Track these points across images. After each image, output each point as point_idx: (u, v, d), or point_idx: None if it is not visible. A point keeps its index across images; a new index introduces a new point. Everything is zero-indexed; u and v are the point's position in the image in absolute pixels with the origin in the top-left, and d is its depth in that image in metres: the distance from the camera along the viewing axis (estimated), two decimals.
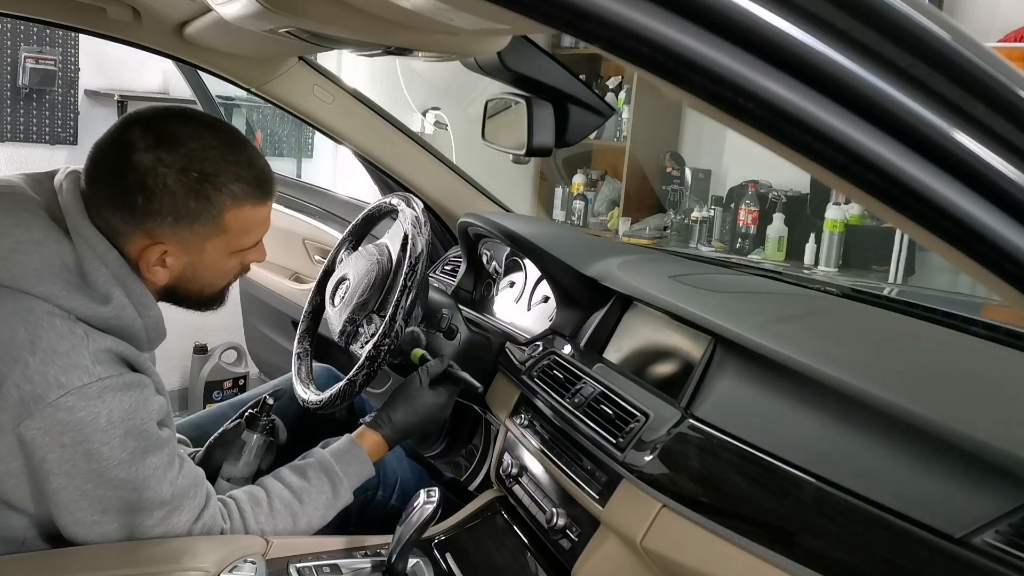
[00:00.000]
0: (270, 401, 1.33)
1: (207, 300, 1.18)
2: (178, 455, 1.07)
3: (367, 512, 1.37)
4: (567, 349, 1.37)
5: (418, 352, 1.39)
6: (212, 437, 1.34)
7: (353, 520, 1.35)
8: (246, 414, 1.34)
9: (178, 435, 1.38)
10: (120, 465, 0.99)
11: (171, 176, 1.00)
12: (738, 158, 3.65)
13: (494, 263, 1.72)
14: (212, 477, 1.29)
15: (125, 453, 0.99)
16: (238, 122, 3.51)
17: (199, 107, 2.65)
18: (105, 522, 1.02)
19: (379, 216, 1.56)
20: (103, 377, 0.97)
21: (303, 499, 1.18)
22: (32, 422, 0.94)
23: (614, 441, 1.08)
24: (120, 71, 3.19)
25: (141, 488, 1.01)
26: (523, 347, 1.44)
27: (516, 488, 1.33)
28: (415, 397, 1.32)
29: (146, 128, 1.02)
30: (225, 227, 1.06)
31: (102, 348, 0.99)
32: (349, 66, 3.48)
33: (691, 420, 1.02)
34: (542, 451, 1.26)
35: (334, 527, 1.31)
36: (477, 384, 1.34)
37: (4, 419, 0.95)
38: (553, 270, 1.43)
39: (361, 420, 1.32)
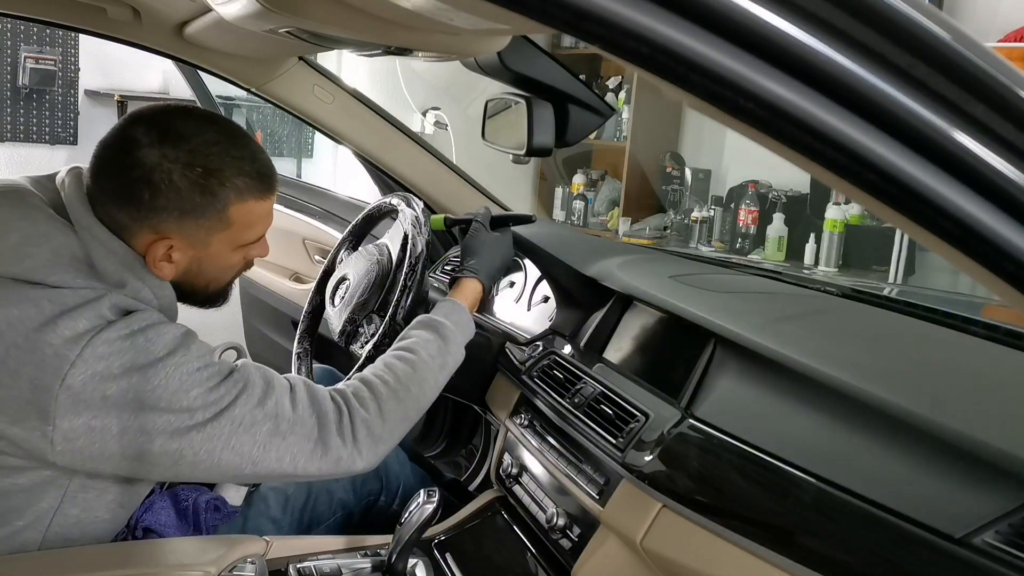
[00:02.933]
0: None
1: (212, 296, 1.18)
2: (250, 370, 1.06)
3: (368, 515, 1.37)
4: (567, 349, 1.37)
5: (438, 218, 1.45)
6: None
7: (354, 522, 1.35)
8: None
9: None
10: (178, 369, 0.97)
11: (176, 171, 1.01)
12: (738, 158, 3.65)
13: None
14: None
15: (177, 359, 0.98)
16: (238, 122, 3.50)
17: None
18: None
19: (379, 216, 1.56)
20: (126, 315, 0.98)
21: (415, 349, 1.18)
22: (75, 369, 0.93)
23: (614, 441, 1.08)
24: (120, 71, 3.19)
25: (204, 384, 0.99)
26: (523, 347, 1.44)
27: (516, 488, 1.33)
28: (488, 242, 1.37)
29: (150, 125, 1.02)
30: (230, 221, 1.06)
31: (121, 305, 0.99)
32: (349, 66, 3.48)
33: (691, 420, 1.02)
34: (542, 451, 1.26)
35: (335, 529, 1.32)
36: (529, 214, 1.43)
37: (47, 380, 0.92)
38: (553, 270, 1.43)
39: (453, 275, 1.36)
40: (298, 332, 1.58)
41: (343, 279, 1.47)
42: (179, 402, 0.97)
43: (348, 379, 1.17)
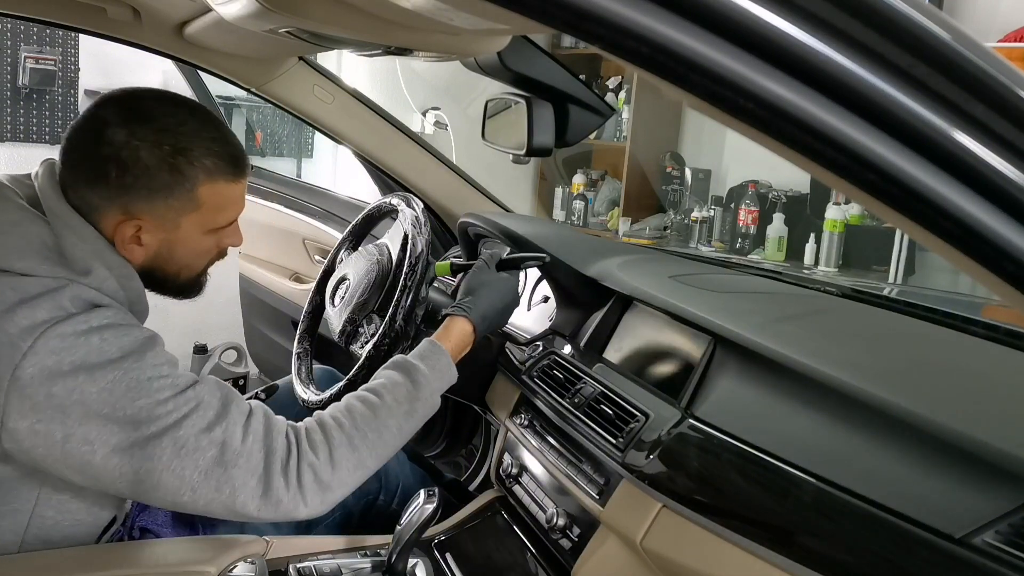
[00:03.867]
0: (262, 396, 1.33)
1: (185, 285, 1.16)
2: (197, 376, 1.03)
3: (368, 515, 1.37)
4: (567, 349, 1.37)
5: (444, 264, 1.41)
6: None
7: (354, 522, 1.35)
8: None
9: None
10: (127, 375, 0.94)
11: (144, 148, 1.00)
12: (738, 158, 3.65)
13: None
14: None
15: (128, 364, 0.95)
16: (238, 122, 3.51)
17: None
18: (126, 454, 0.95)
19: (379, 216, 1.56)
20: (86, 310, 0.96)
21: (381, 393, 1.11)
22: (26, 361, 0.91)
23: (614, 441, 1.08)
24: (120, 71, 3.19)
25: (156, 395, 0.96)
26: (523, 347, 1.44)
27: (516, 488, 1.33)
28: (488, 282, 1.30)
29: (119, 106, 1.03)
30: (199, 202, 1.05)
31: (83, 297, 0.97)
32: (349, 66, 3.48)
33: (691, 420, 1.02)
34: (542, 451, 1.26)
35: (334, 529, 1.31)
36: (542, 255, 1.36)
37: (1, 370, 0.91)
38: (553, 270, 1.43)
39: (443, 312, 1.28)
40: (298, 332, 1.58)
41: (343, 279, 1.47)
42: (123, 410, 0.93)
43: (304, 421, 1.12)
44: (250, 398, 1.33)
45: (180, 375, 0.99)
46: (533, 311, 1.56)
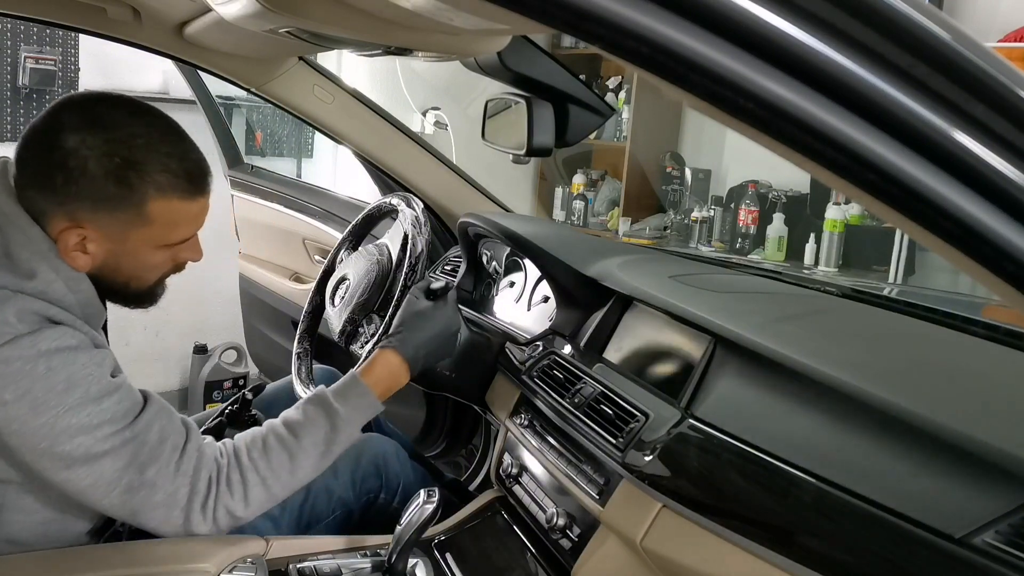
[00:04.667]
0: (249, 396, 1.34)
1: (136, 295, 1.13)
2: (141, 396, 1.04)
3: (369, 514, 1.37)
4: (567, 349, 1.37)
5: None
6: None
7: (354, 520, 1.35)
8: (227, 411, 1.34)
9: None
10: (70, 412, 0.95)
11: (92, 159, 0.98)
12: (738, 158, 3.64)
13: (494, 263, 1.72)
14: None
15: (73, 400, 0.95)
16: (238, 122, 3.50)
17: (199, 107, 2.65)
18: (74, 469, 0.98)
19: (379, 216, 1.56)
20: (34, 331, 0.94)
21: (299, 434, 1.13)
22: None
23: (614, 441, 1.08)
24: (120, 71, 3.19)
25: (96, 432, 0.98)
26: (523, 347, 1.44)
27: (516, 488, 1.33)
28: (423, 312, 1.29)
29: (78, 110, 1.01)
30: (149, 218, 1.03)
31: (30, 309, 0.96)
32: (349, 66, 3.48)
33: (691, 420, 1.02)
34: (542, 451, 1.26)
35: (335, 527, 1.31)
36: (451, 279, 1.34)
37: None
38: (553, 270, 1.43)
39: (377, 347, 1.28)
40: (298, 332, 1.58)
41: (343, 279, 1.47)
42: (61, 446, 0.95)
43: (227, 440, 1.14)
44: (237, 397, 1.33)
45: (123, 406, 1.00)
46: (533, 311, 1.56)
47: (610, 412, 1.13)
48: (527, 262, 1.60)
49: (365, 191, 2.39)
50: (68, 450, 0.95)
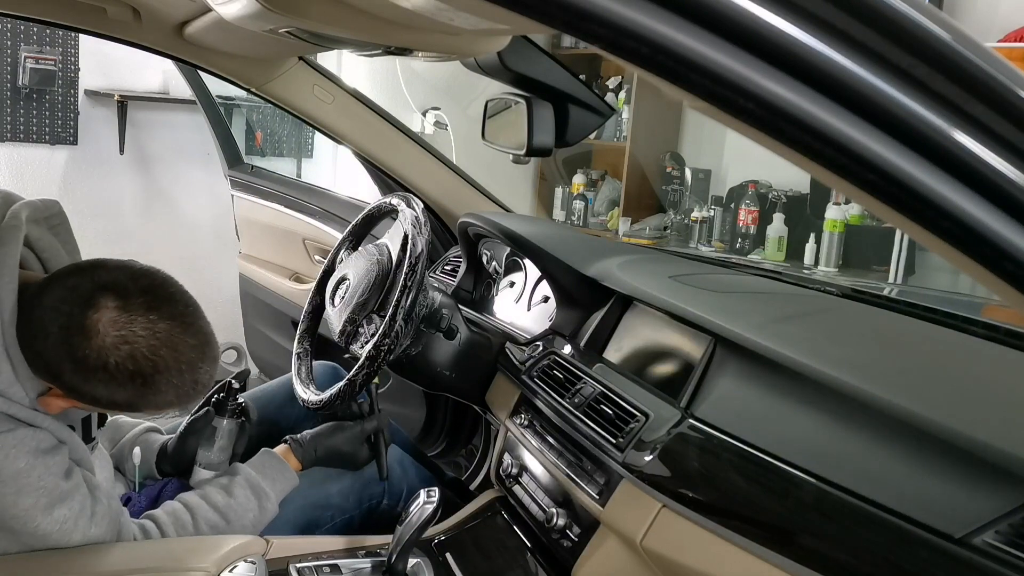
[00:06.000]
0: (235, 384, 1.34)
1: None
2: (91, 502, 1.05)
3: (370, 519, 1.37)
4: (567, 349, 1.37)
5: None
6: (182, 426, 1.34)
7: (355, 527, 1.34)
8: (213, 399, 1.34)
9: (149, 423, 1.39)
10: (17, 519, 0.99)
11: (116, 366, 0.94)
12: (738, 158, 3.64)
13: (494, 263, 1.72)
14: (187, 466, 1.30)
15: (20, 510, 0.98)
16: (238, 122, 3.50)
17: (199, 107, 2.64)
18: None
19: (379, 216, 1.56)
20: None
21: (229, 518, 1.18)
22: None
23: (614, 441, 1.08)
24: (120, 71, 3.19)
25: (46, 541, 1.02)
26: (523, 347, 1.44)
27: (516, 488, 1.33)
28: (343, 443, 1.34)
29: (114, 296, 0.94)
30: (132, 408, 1.03)
31: None
32: (349, 66, 3.48)
33: (691, 420, 1.02)
34: (542, 451, 1.26)
35: (336, 531, 1.31)
36: (385, 471, 1.37)
37: None
38: (553, 270, 1.43)
39: (288, 439, 1.33)
40: (298, 332, 1.58)
41: (343, 279, 1.47)
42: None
43: (155, 515, 1.16)
44: (222, 385, 1.33)
45: (73, 511, 1.02)
46: (533, 311, 1.56)
47: (610, 412, 1.13)
48: (527, 262, 1.60)
49: (365, 191, 2.39)
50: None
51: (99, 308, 0.93)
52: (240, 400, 1.33)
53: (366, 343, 1.37)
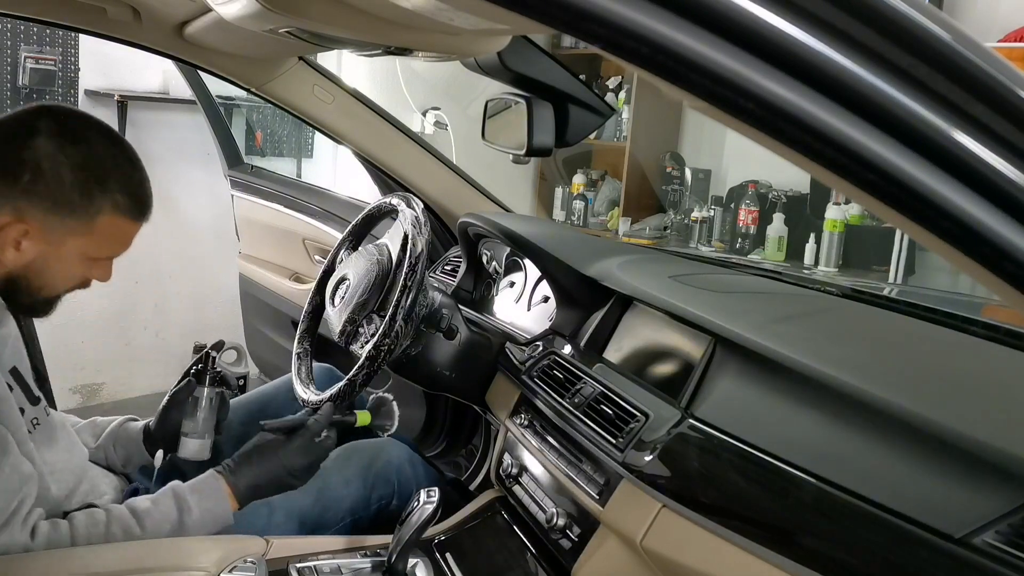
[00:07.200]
0: (213, 353, 1.35)
1: (40, 304, 1.15)
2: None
3: (379, 519, 1.36)
4: (567, 349, 1.37)
5: (365, 417, 1.35)
6: (164, 399, 1.35)
7: (363, 528, 1.34)
8: (192, 370, 1.35)
9: (126, 416, 1.39)
10: None
11: (66, 167, 1.05)
12: (738, 158, 3.64)
13: (494, 263, 1.72)
14: (173, 438, 1.30)
15: None
16: (238, 122, 3.50)
17: (199, 107, 2.65)
18: None
19: (379, 216, 1.56)
20: None
21: (144, 524, 1.11)
22: None
23: (614, 441, 1.08)
24: (120, 71, 3.18)
25: None
26: (523, 347, 1.44)
27: (516, 488, 1.33)
28: (264, 446, 1.22)
29: (56, 121, 1.07)
30: (94, 230, 1.08)
31: None
32: (349, 66, 3.48)
33: (691, 420, 1.02)
34: (542, 451, 1.26)
35: (344, 529, 1.31)
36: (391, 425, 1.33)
37: None
38: (553, 270, 1.43)
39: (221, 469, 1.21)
40: (298, 332, 1.58)
41: (343, 279, 1.47)
42: None
43: (72, 515, 1.11)
44: (202, 354, 1.34)
45: None
46: (533, 311, 1.56)
47: (610, 412, 1.13)
48: (527, 262, 1.60)
49: (365, 191, 2.39)
50: None
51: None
52: (219, 369, 1.35)
53: (366, 343, 1.37)
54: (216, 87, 2.63)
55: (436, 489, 1.10)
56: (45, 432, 1.15)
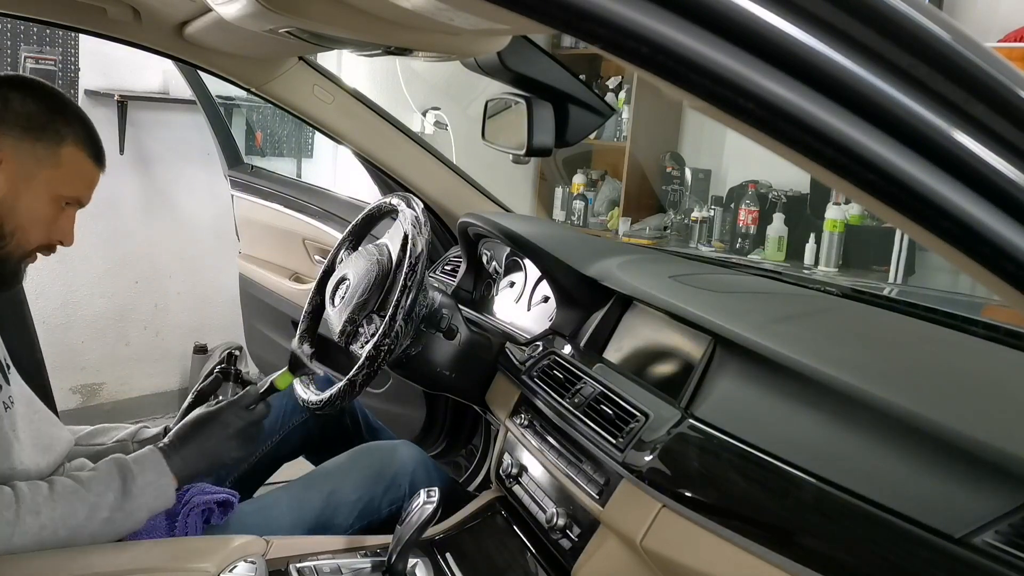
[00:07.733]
0: (236, 352, 1.36)
1: (7, 273, 1.14)
2: None
3: (389, 522, 1.36)
4: (567, 349, 1.37)
5: (286, 379, 1.34)
6: (189, 396, 1.35)
7: (375, 526, 1.34)
8: (217, 369, 1.36)
9: (138, 424, 1.38)
10: None
11: (32, 103, 1.12)
12: (738, 158, 3.65)
13: (494, 263, 1.72)
14: None
15: None
16: (238, 122, 3.50)
17: (199, 107, 2.65)
18: None
19: (379, 216, 1.56)
20: None
21: (90, 487, 1.09)
22: None
23: (614, 441, 1.08)
24: (120, 71, 3.18)
25: None
26: (523, 347, 1.44)
27: (516, 488, 1.33)
28: (201, 420, 1.23)
29: (20, 79, 1.17)
30: (60, 161, 1.12)
31: None
32: (349, 66, 3.48)
33: (691, 420, 1.02)
34: (542, 451, 1.26)
35: (353, 530, 1.31)
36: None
37: None
38: (553, 270, 1.43)
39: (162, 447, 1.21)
40: (298, 332, 1.58)
41: (343, 279, 1.47)
42: None
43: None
44: (224, 355, 1.36)
45: None
46: (533, 311, 1.56)
47: (610, 412, 1.13)
48: (527, 262, 1.60)
49: (365, 191, 2.39)
50: None
51: None
52: (241, 368, 1.36)
53: (366, 343, 1.37)
54: (216, 87, 2.63)
55: (436, 489, 1.10)
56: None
